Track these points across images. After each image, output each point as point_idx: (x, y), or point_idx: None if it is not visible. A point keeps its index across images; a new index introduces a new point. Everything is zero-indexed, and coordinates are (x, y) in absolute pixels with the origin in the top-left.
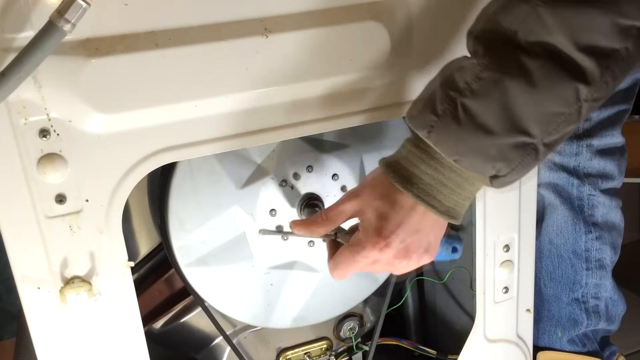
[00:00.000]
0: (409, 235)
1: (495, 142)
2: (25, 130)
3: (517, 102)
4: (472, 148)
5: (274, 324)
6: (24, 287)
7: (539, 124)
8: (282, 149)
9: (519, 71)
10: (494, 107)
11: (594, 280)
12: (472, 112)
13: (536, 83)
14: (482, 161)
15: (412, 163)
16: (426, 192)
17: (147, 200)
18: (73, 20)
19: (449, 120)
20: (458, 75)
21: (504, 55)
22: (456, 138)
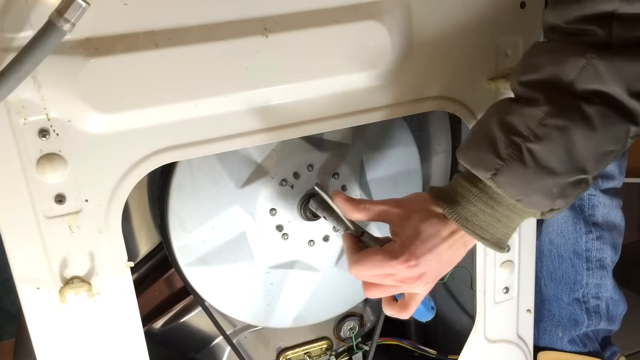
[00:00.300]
0: (434, 263)
1: (558, 182)
2: (24, 130)
3: (578, 144)
4: (536, 188)
5: (275, 324)
6: (24, 288)
7: (594, 162)
8: (282, 148)
9: (581, 117)
10: (559, 151)
11: (595, 280)
12: (538, 156)
13: (596, 127)
14: (543, 199)
15: (469, 201)
16: (481, 227)
17: (147, 199)
18: (72, 20)
19: (515, 163)
20: (518, 121)
21: (565, 103)
22: (522, 180)
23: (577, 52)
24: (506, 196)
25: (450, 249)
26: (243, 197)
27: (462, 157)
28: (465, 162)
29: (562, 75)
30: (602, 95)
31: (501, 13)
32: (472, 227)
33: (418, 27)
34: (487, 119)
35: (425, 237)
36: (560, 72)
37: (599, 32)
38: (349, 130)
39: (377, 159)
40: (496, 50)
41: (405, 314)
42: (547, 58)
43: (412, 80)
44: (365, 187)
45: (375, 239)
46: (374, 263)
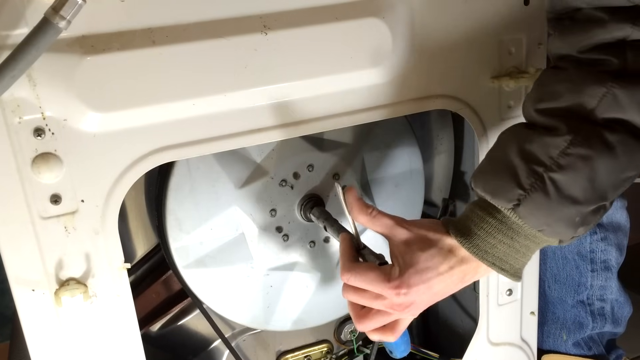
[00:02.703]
0: (425, 295)
1: (580, 211)
2: (19, 129)
3: (601, 174)
4: (559, 218)
5: (274, 327)
6: (18, 289)
7: (614, 189)
8: (281, 148)
9: (604, 146)
10: (582, 180)
11: (600, 282)
12: (561, 186)
13: (618, 156)
14: (566, 229)
15: (488, 233)
16: (500, 259)
17: (144, 200)
18: (68, 17)
19: (537, 194)
20: (539, 150)
21: (588, 132)
22: (545, 211)
23: (597, 81)
24: (528, 227)
25: (445, 283)
26: (242, 197)
27: (480, 186)
28: (484, 192)
29: (583, 103)
30: (622, 123)
31: (504, 10)
32: (491, 259)
33: (420, 24)
34: (504, 147)
35: (421, 269)
36: (581, 101)
37: (614, 61)
38: (349, 129)
39: (378, 159)
40: (499, 48)
41: (392, 337)
42: (566, 86)
43: (414, 79)
44: (367, 188)
45: (375, 256)
46: (367, 278)
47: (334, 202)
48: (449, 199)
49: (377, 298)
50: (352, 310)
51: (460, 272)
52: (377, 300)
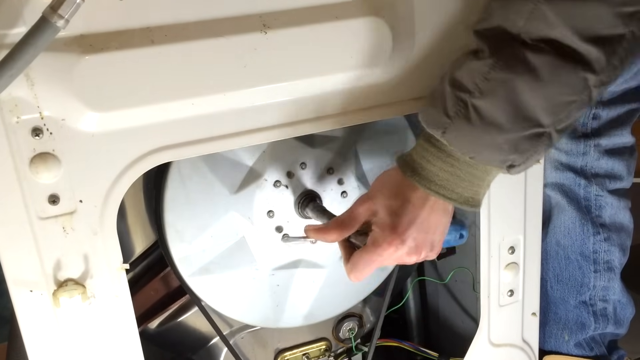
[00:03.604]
0: (420, 233)
1: (508, 137)
2: (17, 129)
3: (525, 98)
4: (486, 145)
5: (286, 324)
6: (16, 290)
7: (549, 115)
8: (272, 149)
9: (525, 68)
10: (504, 106)
11: (602, 282)
12: (483, 112)
13: (543, 78)
14: (496, 156)
15: (428, 161)
16: (444, 187)
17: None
18: (66, 16)
19: (461, 121)
20: (466, 76)
21: (510, 54)
22: (470, 137)
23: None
24: (461, 153)
25: (431, 214)
26: (238, 202)
27: (420, 115)
28: (422, 121)
29: (508, 22)
30: (550, 42)
31: None
32: (435, 187)
33: (420, 23)
34: (444, 75)
35: (400, 213)
36: (508, 19)
37: None
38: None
39: (371, 148)
40: None
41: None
42: (498, 4)
43: (414, 78)
44: (363, 178)
45: (360, 234)
46: (365, 263)
47: (330, 196)
48: None
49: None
50: None
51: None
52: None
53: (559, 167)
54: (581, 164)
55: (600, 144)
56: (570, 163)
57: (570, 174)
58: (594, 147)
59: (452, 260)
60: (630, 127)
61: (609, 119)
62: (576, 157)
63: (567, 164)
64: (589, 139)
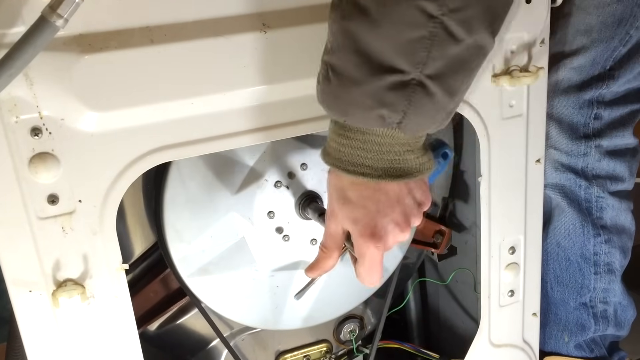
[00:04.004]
0: (390, 212)
1: (366, 90)
2: (16, 129)
3: (367, 42)
4: (349, 103)
5: (285, 326)
6: (15, 291)
7: (402, 56)
8: (273, 149)
9: (356, 11)
10: (350, 56)
11: (603, 284)
12: (336, 68)
13: (376, 17)
14: (365, 113)
15: (332, 139)
16: (352, 163)
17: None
18: (66, 16)
19: (325, 82)
20: (328, 37)
21: (340, 2)
22: (333, 97)
23: None
24: (336, 118)
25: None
26: (239, 202)
27: None
28: None
29: None
30: None
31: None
32: (344, 165)
33: None
34: None
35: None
36: None
37: None
38: None
39: None
40: (500, 46)
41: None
42: None
43: None
44: None
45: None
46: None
47: None
48: (448, 198)
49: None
50: None
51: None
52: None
53: (560, 168)
54: (582, 165)
55: (602, 145)
56: (570, 164)
57: (571, 175)
58: (595, 148)
59: (453, 261)
60: (632, 128)
61: (610, 119)
62: (577, 158)
63: (567, 165)
64: (590, 139)
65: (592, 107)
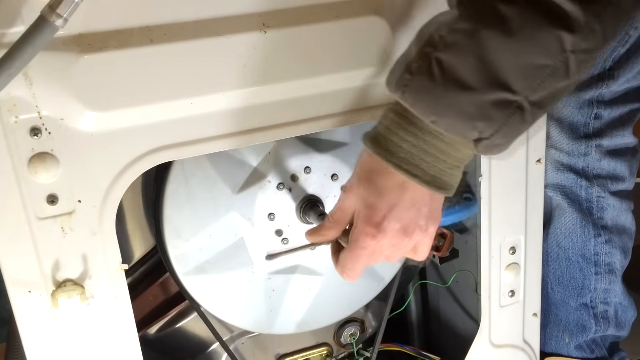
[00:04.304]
0: (402, 213)
1: (473, 99)
2: (15, 129)
3: (494, 53)
4: (449, 106)
5: (278, 330)
6: (15, 291)
7: (520, 78)
8: (278, 150)
9: (495, 19)
10: (470, 60)
11: (603, 285)
12: (446, 66)
13: (514, 31)
14: (460, 121)
15: (390, 130)
16: (407, 161)
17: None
18: (65, 15)
19: (422, 77)
20: (432, 30)
21: (478, 3)
22: (431, 96)
23: None
24: (422, 117)
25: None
26: (240, 202)
27: (386, 80)
28: (386, 83)
29: None
30: None
31: None
32: (396, 160)
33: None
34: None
35: (373, 202)
36: None
37: None
38: (346, 128)
39: None
40: None
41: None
42: None
43: None
44: None
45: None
46: (349, 260)
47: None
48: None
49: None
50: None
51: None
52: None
53: (560, 167)
54: (582, 165)
55: (602, 145)
56: (571, 164)
57: (572, 175)
58: (595, 147)
59: (454, 262)
60: (632, 127)
61: (610, 119)
62: (577, 158)
63: (568, 165)
64: (591, 139)
65: (592, 106)
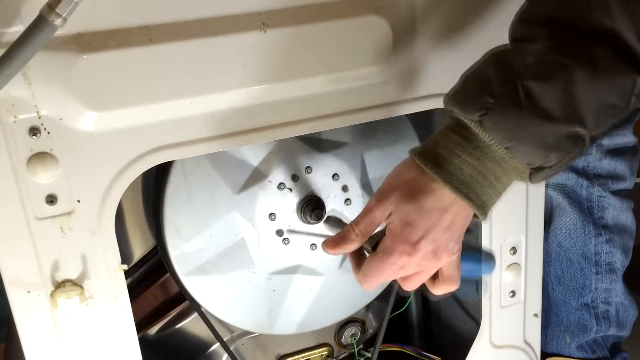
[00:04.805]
0: (439, 235)
1: (554, 130)
2: (14, 129)
3: (580, 89)
4: (530, 134)
5: (279, 331)
6: (14, 291)
7: (594, 115)
8: (278, 150)
9: (585, 57)
10: (558, 92)
11: (604, 284)
12: (535, 95)
13: (600, 72)
14: (536, 149)
15: (452, 151)
16: (466, 184)
17: (141, 201)
18: (64, 15)
19: (508, 102)
20: (516, 58)
21: (570, 40)
22: (514, 122)
23: None
24: (494, 143)
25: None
26: (240, 202)
27: (450, 100)
28: (454, 105)
29: (568, 9)
30: (610, 36)
31: (509, 7)
32: (456, 182)
33: (421, 21)
34: (480, 63)
35: (415, 220)
36: (568, 7)
37: None
38: (347, 128)
39: (378, 157)
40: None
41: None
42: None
43: (416, 78)
44: (368, 187)
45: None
46: (376, 271)
47: (334, 203)
48: None
49: (398, 271)
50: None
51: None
52: (400, 271)
53: None
54: (583, 165)
55: (603, 144)
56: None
57: (572, 175)
58: (596, 147)
59: None
60: (632, 126)
61: None
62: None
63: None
64: None
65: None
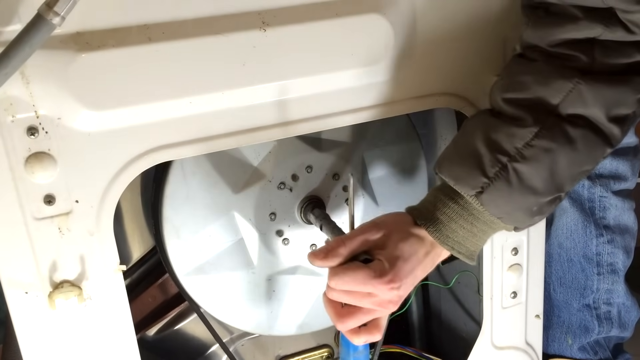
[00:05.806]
0: (409, 286)
1: (539, 201)
2: (12, 128)
3: (562, 166)
4: (519, 207)
5: (279, 332)
6: (11, 292)
7: (571, 182)
8: (278, 150)
9: (566, 140)
10: (543, 171)
11: (606, 285)
12: (523, 176)
13: (578, 149)
14: (524, 217)
15: (451, 219)
16: (459, 244)
17: (139, 201)
18: (62, 13)
19: (501, 182)
20: (504, 140)
21: (552, 125)
22: (506, 199)
23: (564, 75)
24: (488, 214)
25: (424, 269)
26: (240, 202)
27: (445, 172)
28: (449, 177)
29: (549, 97)
30: (584, 118)
31: (509, 6)
32: (451, 243)
33: (422, 20)
34: (471, 134)
35: (407, 258)
36: (547, 94)
37: (583, 58)
38: (348, 128)
39: (379, 157)
40: (504, 45)
41: (378, 335)
42: (533, 78)
43: (416, 76)
44: (368, 187)
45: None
46: (357, 278)
47: (334, 203)
48: None
49: (366, 296)
50: (332, 309)
51: (434, 256)
52: (366, 298)
53: None
54: None
55: None
56: None
57: None
58: None
59: (456, 263)
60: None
61: None
62: None
63: None
64: None
65: None
